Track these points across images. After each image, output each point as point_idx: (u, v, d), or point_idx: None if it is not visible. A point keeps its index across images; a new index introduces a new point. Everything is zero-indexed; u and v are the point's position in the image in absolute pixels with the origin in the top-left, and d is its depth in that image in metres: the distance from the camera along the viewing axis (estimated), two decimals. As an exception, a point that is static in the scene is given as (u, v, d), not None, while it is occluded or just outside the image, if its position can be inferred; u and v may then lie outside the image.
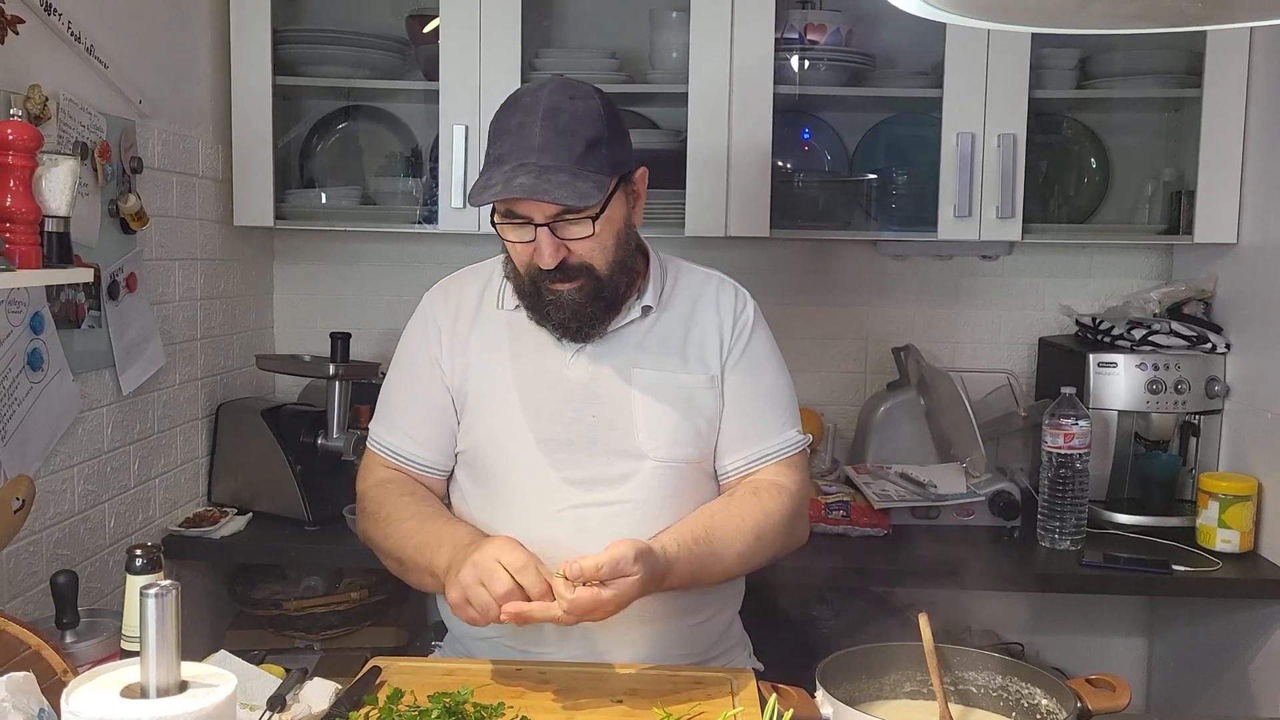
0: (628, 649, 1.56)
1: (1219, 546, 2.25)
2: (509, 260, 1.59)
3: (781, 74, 2.46)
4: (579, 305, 1.54)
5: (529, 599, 1.35)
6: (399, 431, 1.69)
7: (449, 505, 1.71)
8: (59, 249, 1.60)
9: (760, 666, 1.75)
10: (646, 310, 1.63)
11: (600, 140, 1.50)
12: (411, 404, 1.69)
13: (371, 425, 1.74)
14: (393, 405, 1.72)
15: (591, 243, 1.51)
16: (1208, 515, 2.27)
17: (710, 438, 1.63)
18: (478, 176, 1.53)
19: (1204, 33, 2.35)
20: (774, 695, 1.24)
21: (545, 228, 1.48)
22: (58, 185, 1.58)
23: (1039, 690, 1.31)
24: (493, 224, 1.53)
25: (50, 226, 1.59)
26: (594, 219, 1.49)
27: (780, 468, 1.65)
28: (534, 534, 1.51)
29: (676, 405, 1.60)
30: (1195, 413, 2.46)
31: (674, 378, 1.61)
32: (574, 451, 1.59)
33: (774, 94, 2.42)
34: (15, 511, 1.57)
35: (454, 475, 1.71)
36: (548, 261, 1.49)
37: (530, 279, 1.55)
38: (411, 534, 1.57)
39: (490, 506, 1.63)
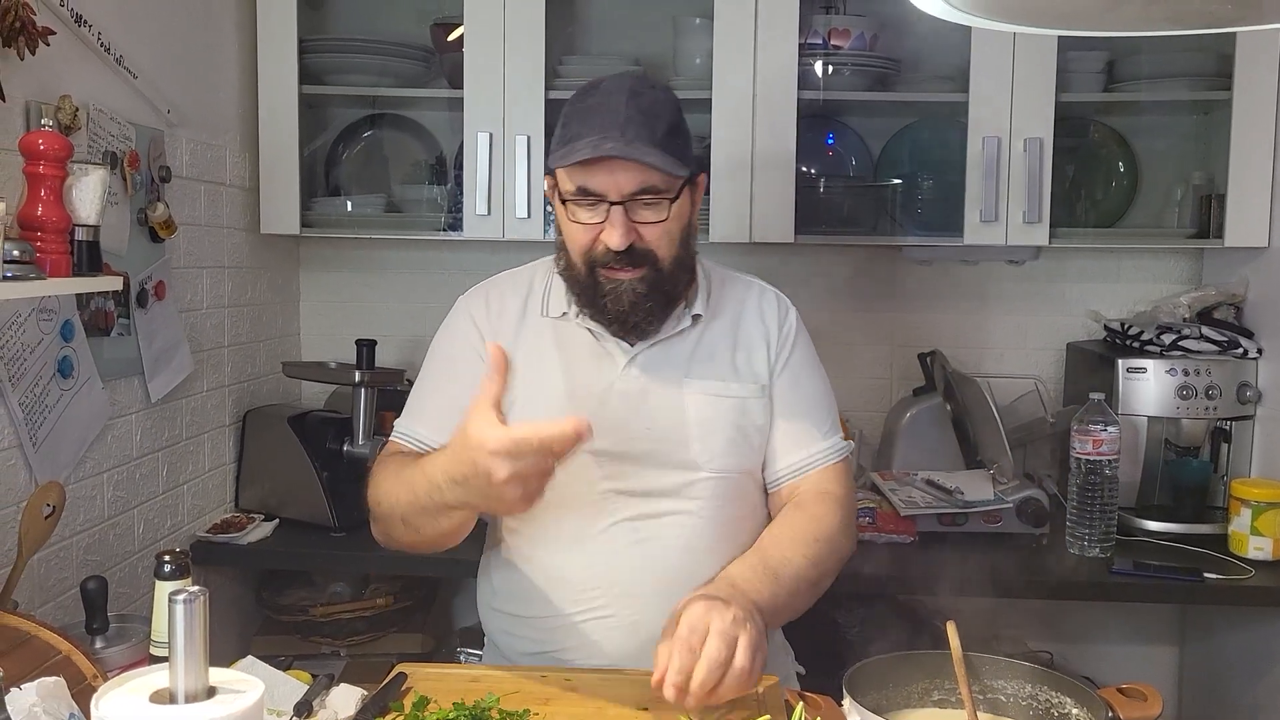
0: None
1: (1251, 554, 2.21)
2: (562, 254, 1.57)
3: (806, 79, 2.45)
4: (638, 297, 1.50)
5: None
6: (431, 423, 1.59)
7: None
8: (89, 257, 1.62)
9: (803, 670, 1.74)
10: (696, 319, 1.61)
11: (678, 128, 1.50)
12: (448, 399, 1.57)
13: (398, 422, 1.66)
14: (425, 401, 1.64)
15: (661, 229, 1.49)
16: (1240, 522, 2.24)
17: (761, 447, 1.63)
18: (555, 148, 1.50)
19: (1233, 34, 2.32)
20: (800, 703, 1.23)
21: (620, 206, 1.46)
22: (88, 194, 1.59)
23: (1069, 699, 1.29)
24: (559, 203, 1.51)
25: (80, 235, 1.60)
26: (671, 201, 1.48)
27: (826, 474, 1.63)
28: (587, 546, 1.52)
29: (729, 416, 1.59)
30: (1227, 419, 2.43)
31: (726, 387, 1.60)
32: (627, 464, 1.56)
33: (798, 99, 2.41)
34: (46, 517, 1.59)
35: None
36: (618, 241, 1.46)
37: (589, 267, 1.51)
38: (395, 488, 1.47)
39: (539, 519, 1.56)
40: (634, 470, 1.56)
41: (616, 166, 1.45)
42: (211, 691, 0.93)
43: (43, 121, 1.55)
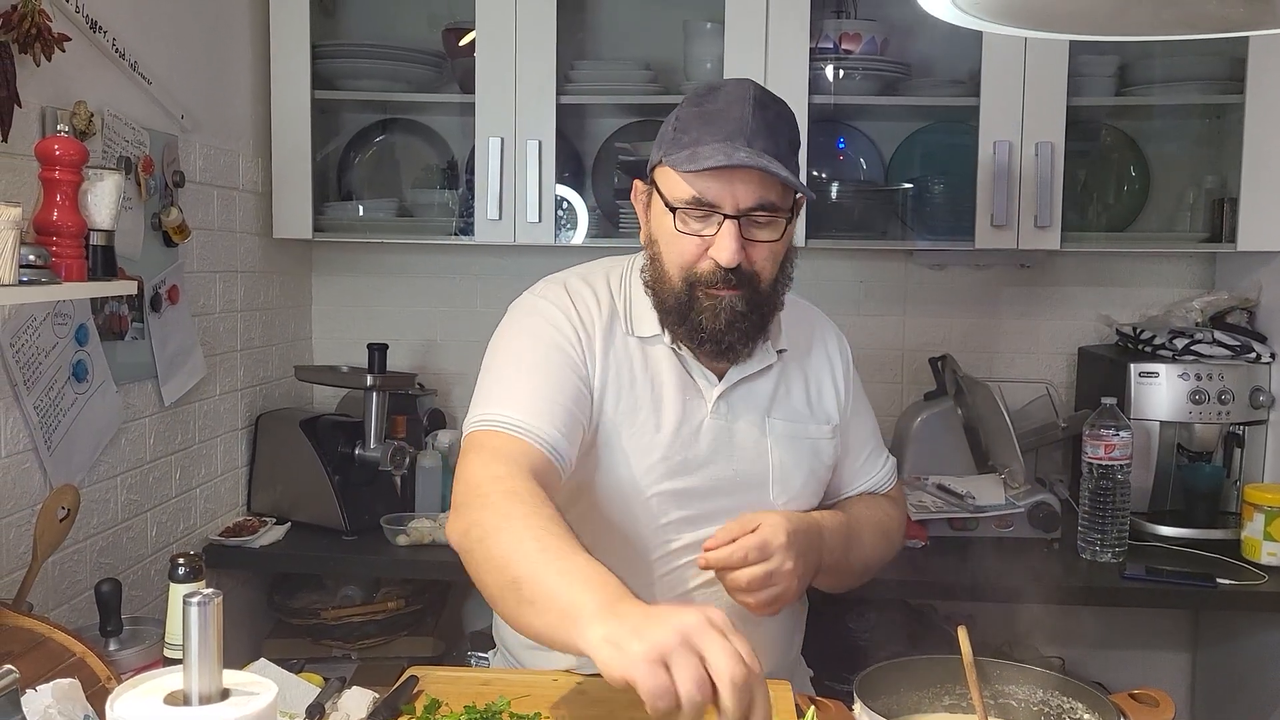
0: None
1: (1264, 560, 2.20)
2: (651, 266, 1.47)
3: (816, 84, 2.45)
4: (735, 315, 1.41)
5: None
6: (524, 408, 1.38)
7: None
8: (103, 262, 1.63)
9: (811, 672, 1.74)
10: (781, 354, 1.55)
11: (797, 144, 1.46)
12: (542, 388, 1.41)
13: (474, 412, 1.42)
14: (513, 387, 1.41)
15: (770, 250, 1.41)
16: (1253, 528, 2.23)
17: (826, 483, 1.63)
18: (670, 151, 1.40)
19: (1246, 38, 2.31)
20: (812, 708, 1.23)
21: (734, 221, 1.37)
22: (102, 199, 1.60)
23: (1081, 705, 1.29)
24: (663, 210, 1.41)
25: (95, 240, 1.61)
26: (788, 220, 1.42)
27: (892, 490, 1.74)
28: (653, 575, 1.49)
29: (805, 457, 1.57)
30: (1240, 423, 2.41)
31: (804, 429, 1.57)
32: (707, 503, 1.51)
33: (809, 104, 2.41)
34: (60, 521, 1.60)
35: None
36: (729, 258, 1.37)
37: (688, 284, 1.42)
38: (543, 563, 1.15)
39: (602, 545, 1.30)
40: (711, 511, 1.50)
41: (736, 178, 1.37)
42: (225, 694, 0.94)
43: (58, 127, 1.56)
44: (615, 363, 1.48)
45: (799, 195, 1.45)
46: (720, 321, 1.42)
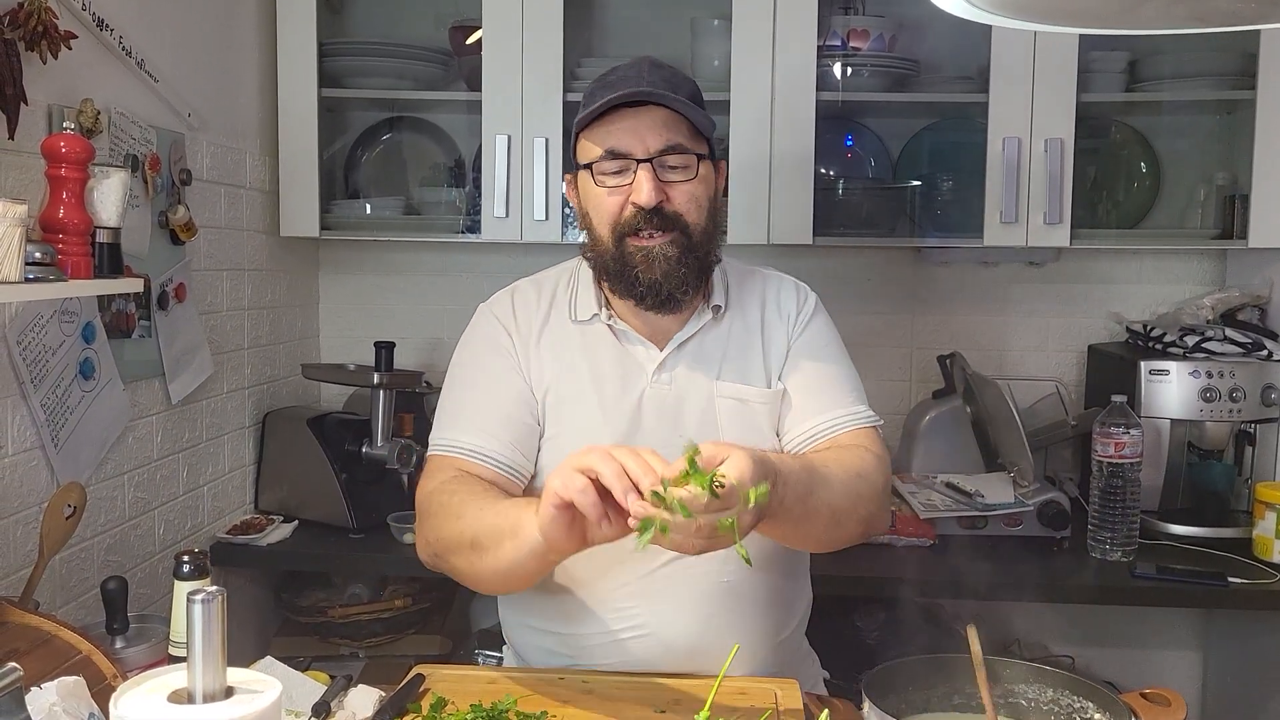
0: (715, 668, 1.52)
1: (1276, 558, 2.19)
2: (589, 239, 1.54)
3: (824, 80, 2.44)
4: (670, 262, 1.47)
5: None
6: (474, 430, 1.52)
7: None
8: (110, 260, 1.63)
9: (827, 675, 1.73)
10: (717, 310, 1.58)
11: (698, 98, 1.51)
12: (486, 405, 1.54)
13: (434, 435, 1.56)
14: (462, 408, 1.55)
15: (689, 192, 1.48)
16: (1264, 526, 2.22)
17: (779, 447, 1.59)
18: (580, 122, 1.49)
19: (1257, 33, 2.30)
20: (825, 711, 1.22)
21: (648, 164, 1.45)
22: (109, 197, 1.60)
23: (1091, 704, 1.28)
24: (585, 176, 1.50)
25: (101, 238, 1.61)
26: (699, 160, 1.48)
27: (858, 435, 1.53)
28: (617, 550, 1.44)
29: (758, 419, 1.56)
30: (1251, 421, 2.40)
31: (757, 392, 1.56)
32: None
33: (817, 101, 2.40)
34: (67, 518, 1.60)
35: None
36: (647, 197, 1.44)
37: (618, 237, 1.48)
38: (482, 510, 1.38)
39: None
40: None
41: (643, 125, 1.45)
42: (229, 692, 0.94)
43: (65, 125, 1.56)
44: (554, 353, 1.56)
45: (710, 140, 1.51)
46: (656, 271, 1.48)
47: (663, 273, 1.48)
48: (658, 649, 1.51)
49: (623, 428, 1.53)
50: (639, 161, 1.46)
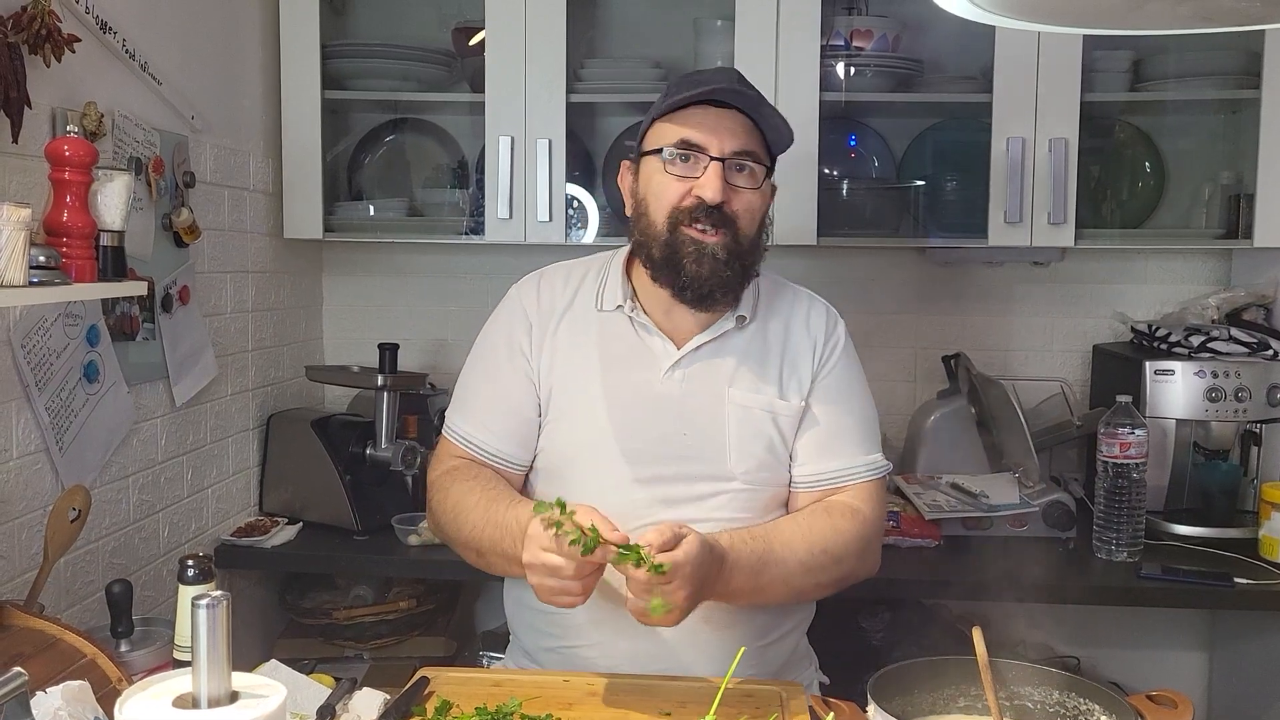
0: (701, 668, 1.53)
1: (1282, 558, 2.19)
2: (639, 225, 1.56)
3: (828, 80, 2.44)
4: (717, 263, 1.51)
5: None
6: (475, 421, 1.63)
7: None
8: (114, 262, 1.63)
9: (826, 680, 1.73)
10: (741, 320, 1.60)
11: (777, 114, 1.57)
12: (491, 395, 1.63)
13: (448, 413, 1.68)
14: (470, 395, 1.66)
15: (748, 200, 1.53)
16: (1270, 526, 2.21)
17: (788, 459, 1.61)
18: (659, 110, 1.55)
19: (1262, 32, 2.29)
20: (830, 715, 1.22)
21: (718, 163, 1.50)
22: (113, 200, 1.60)
23: (1098, 706, 1.28)
24: (652, 159, 1.54)
25: (105, 240, 1.61)
26: (765, 171, 1.54)
27: (859, 492, 1.60)
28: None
29: (768, 429, 1.58)
30: (1257, 421, 2.39)
31: (769, 402, 1.58)
32: (660, 466, 1.56)
33: (820, 101, 2.40)
34: (72, 521, 1.60)
35: (527, 478, 1.66)
36: (714, 194, 1.48)
37: (673, 223, 1.52)
38: (481, 525, 1.51)
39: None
40: (667, 475, 1.56)
41: (723, 124, 1.51)
42: (234, 696, 0.94)
43: (68, 128, 1.56)
44: (570, 338, 1.61)
45: (775, 157, 1.59)
46: (704, 268, 1.51)
47: (710, 269, 1.51)
48: (642, 637, 1.51)
49: (622, 416, 1.57)
50: (712, 158, 1.50)
